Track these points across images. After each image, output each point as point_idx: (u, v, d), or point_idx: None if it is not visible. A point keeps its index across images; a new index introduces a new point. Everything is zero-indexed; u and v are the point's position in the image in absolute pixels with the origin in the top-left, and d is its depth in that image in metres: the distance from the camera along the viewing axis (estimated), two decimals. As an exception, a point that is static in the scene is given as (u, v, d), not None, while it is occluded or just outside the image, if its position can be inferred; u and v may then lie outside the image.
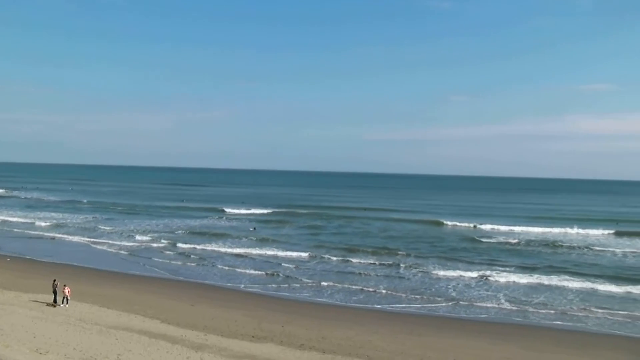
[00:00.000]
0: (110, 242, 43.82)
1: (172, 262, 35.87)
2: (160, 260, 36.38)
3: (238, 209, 75.37)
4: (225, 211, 71.87)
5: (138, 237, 46.05)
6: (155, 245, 42.52)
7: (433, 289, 29.06)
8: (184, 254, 38.54)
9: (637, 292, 28.69)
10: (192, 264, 35.06)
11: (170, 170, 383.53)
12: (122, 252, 39.38)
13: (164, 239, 45.44)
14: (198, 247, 41.75)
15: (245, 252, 39.61)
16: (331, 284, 30.05)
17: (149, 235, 47.76)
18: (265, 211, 73.68)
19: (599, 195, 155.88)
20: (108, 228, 51.95)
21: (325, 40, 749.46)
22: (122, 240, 44.48)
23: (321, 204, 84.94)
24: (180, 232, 49.85)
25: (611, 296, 27.83)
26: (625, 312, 24.75)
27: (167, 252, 39.41)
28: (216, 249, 40.94)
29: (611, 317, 23.95)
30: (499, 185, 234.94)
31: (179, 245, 42.55)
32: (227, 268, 33.86)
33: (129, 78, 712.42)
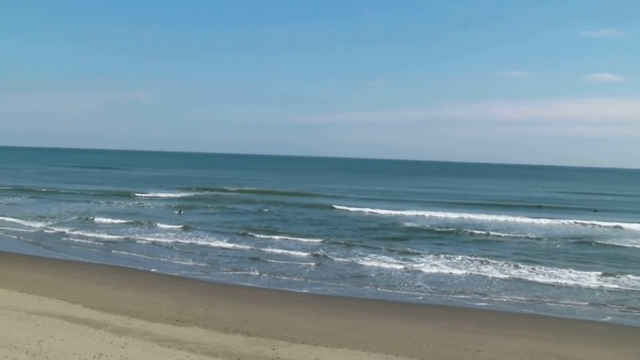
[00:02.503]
0: (24, 224, 42.41)
1: (91, 248, 35.13)
2: (81, 245, 35.59)
3: (159, 192, 74.22)
4: (144, 195, 70.34)
5: (53, 221, 44.66)
6: (75, 230, 41.19)
7: (357, 273, 29.51)
8: (104, 240, 37.72)
9: (546, 276, 29.96)
10: (115, 250, 34.31)
11: (94, 152, 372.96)
12: (37, 235, 38.17)
13: (83, 222, 44.41)
14: (118, 230, 41.11)
15: (170, 235, 39.13)
16: (255, 267, 30.10)
17: (66, 218, 46.51)
18: (186, 194, 72.95)
19: (516, 180, 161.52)
20: (22, 211, 50.18)
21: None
22: (34, 223, 43.00)
23: (244, 187, 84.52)
24: (98, 216, 48.54)
25: (527, 279, 28.97)
26: (539, 294, 25.99)
27: (88, 236, 38.47)
28: (138, 235, 40.15)
29: (526, 298, 25.10)
30: (418, 170, 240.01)
31: (100, 228, 41.69)
32: (150, 257, 33.16)
33: (49, 55, 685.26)
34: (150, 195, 70.21)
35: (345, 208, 60.08)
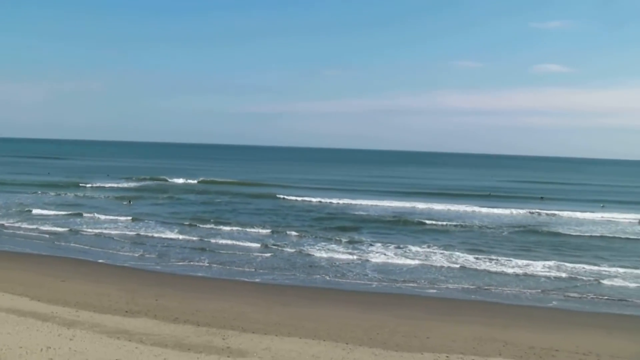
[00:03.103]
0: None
1: (36, 240, 34.49)
2: (26, 237, 34.93)
3: (107, 182, 73.04)
4: (92, 185, 68.88)
5: None
6: (19, 222, 40.28)
7: (307, 263, 29.72)
8: (50, 232, 37.05)
9: (494, 264, 30.64)
10: (62, 242, 33.73)
11: (44, 142, 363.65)
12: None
13: (27, 214, 43.55)
14: (66, 221, 40.46)
15: (119, 226, 38.74)
16: (205, 258, 30.04)
17: (9, 210, 45.49)
18: (135, 184, 72.14)
19: (467, 169, 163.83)
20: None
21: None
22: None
23: (195, 177, 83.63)
24: (43, 208, 47.57)
25: (475, 267, 29.62)
26: (486, 281, 26.65)
27: (33, 228, 37.66)
28: (86, 226, 39.51)
29: (474, 286, 25.71)
30: (371, 159, 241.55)
31: (45, 220, 40.97)
32: (99, 248, 32.66)
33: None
34: (98, 185, 69.08)
35: (296, 198, 60.06)
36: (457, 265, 29.55)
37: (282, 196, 61.06)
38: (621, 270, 29.13)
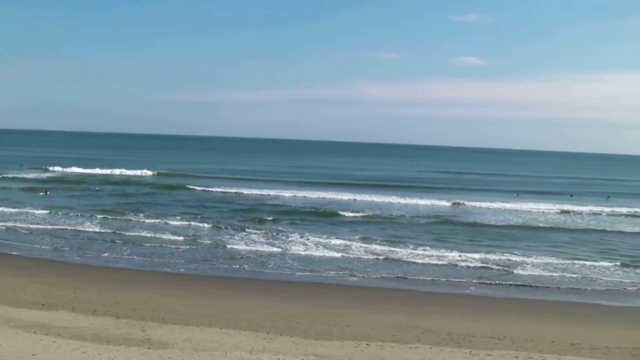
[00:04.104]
0: None
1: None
2: None
3: (23, 173, 70.74)
4: (5, 176, 65.90)
5: None
6: None
7: (227, 254, 29.79)
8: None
9: (412, 253, 31.48)
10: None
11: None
12: None
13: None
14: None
15: (36, 218, 37.78)
16: (125, 249, 29.70)
17: None
18: (52, 175, 70.12)
19: (387, 159, 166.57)
20: None
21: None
22: None
23: (114, 168, 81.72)
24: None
25: (394, 257, 30.34)
26: (405, 270, 27.47)
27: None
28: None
29: (393, 275, 26.45)
30: (295, 148, 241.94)
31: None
32: (15, 241, 31.49)
33: None
34: (12, 176, 66.68)
35: (216, 189, 59.54)
36: (376, 255, 30.25)
37: (201, 187, 60.30)
38: (532, 257, 30.60)
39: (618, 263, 30.11)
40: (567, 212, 52.00)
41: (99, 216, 39.20)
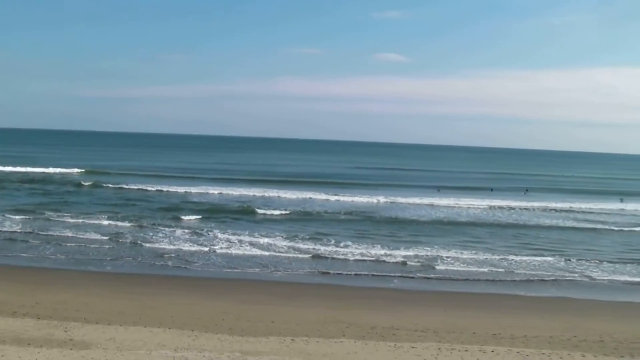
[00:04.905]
0: None
1: None
2: None
3: None
4: None
5: None
6: None
7: (150, 252, 29.58)
8: None
9: (335, 249, 32.09)
10: None
11: None
12: None
13: None
14: None
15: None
16: (46, 248, 29.05)
17: None
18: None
19: (310, 156, 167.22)
20: None
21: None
22: None
23: (33, 165, 78.92)
24: None
25: (318, 253, 30.85)
26: (329, 266, 27.99)
27: None
28: None
29: (318, 270, 26.91)
30: (216, 145, 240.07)
31: None
32: None
33: None
34: None
35: (137, 187, 58.38)
36: (300, 251, 30.68)
37: (124, 185, 59.08)
38: (453, 251, 31.65)
39: (536, 255, 31.53)
40: (489, 207, 53.74)
41: (17, 215, 38.06)
